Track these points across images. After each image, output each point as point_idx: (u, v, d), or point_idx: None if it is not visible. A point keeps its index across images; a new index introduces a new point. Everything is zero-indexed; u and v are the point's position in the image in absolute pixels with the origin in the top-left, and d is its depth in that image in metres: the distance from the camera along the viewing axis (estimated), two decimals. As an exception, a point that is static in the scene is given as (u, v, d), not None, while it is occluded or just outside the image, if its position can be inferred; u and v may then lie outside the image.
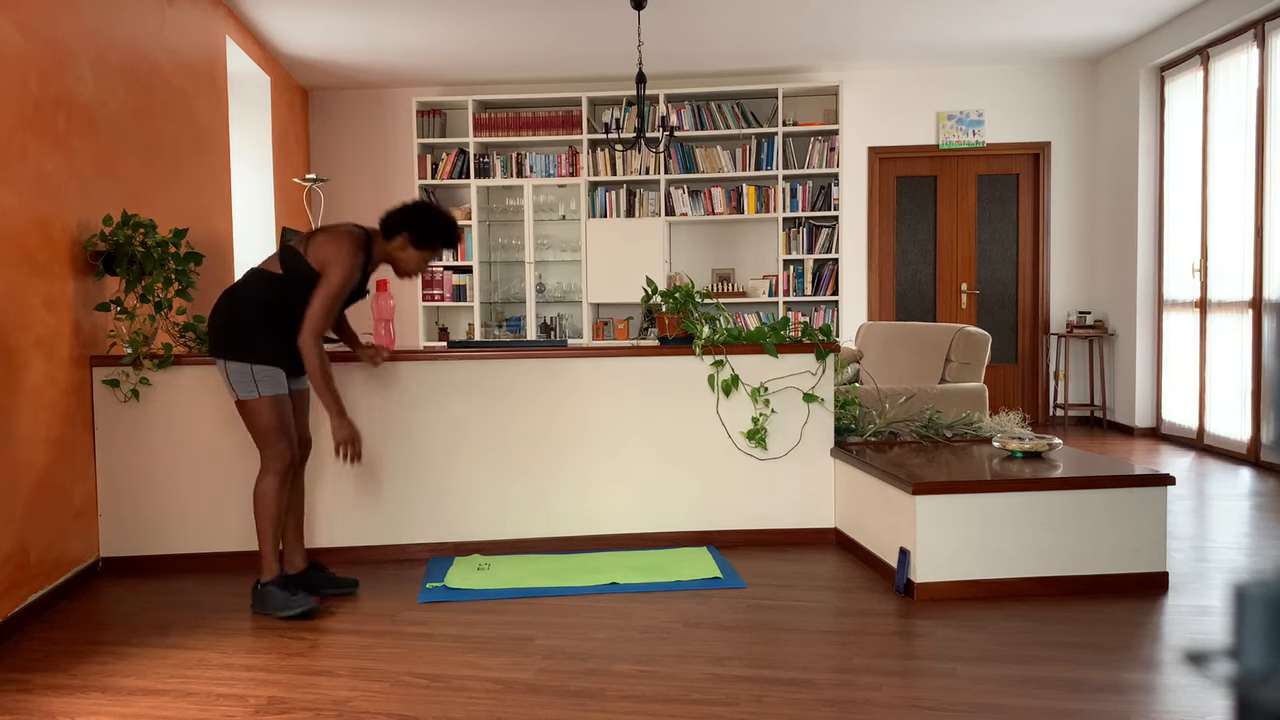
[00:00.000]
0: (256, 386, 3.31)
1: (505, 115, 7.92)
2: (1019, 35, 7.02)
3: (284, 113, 7.33)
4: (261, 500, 3.37)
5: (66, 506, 3.70)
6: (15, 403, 3.31)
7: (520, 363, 4.18)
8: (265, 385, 3.32)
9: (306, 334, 3.26)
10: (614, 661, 2.89)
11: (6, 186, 3.27)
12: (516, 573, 3.78)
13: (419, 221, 3.37)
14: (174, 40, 4.97)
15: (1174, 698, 2.59)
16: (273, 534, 3.39)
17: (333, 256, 3.28)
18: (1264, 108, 5.80)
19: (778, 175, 7.73)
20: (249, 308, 3.35)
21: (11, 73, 3.33)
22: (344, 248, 3.29)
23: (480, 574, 3.78)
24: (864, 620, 3.25)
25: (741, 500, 4.24)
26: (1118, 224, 7.56)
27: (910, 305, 8.16)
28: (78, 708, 2.64)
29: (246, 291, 3.38)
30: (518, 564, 3.91)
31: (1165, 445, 6.80)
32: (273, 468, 3.36)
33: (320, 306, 3.26)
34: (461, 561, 3.97)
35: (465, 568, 3.87)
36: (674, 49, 7.11)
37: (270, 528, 3.38)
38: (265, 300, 3.35)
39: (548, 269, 8.01)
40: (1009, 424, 4.47)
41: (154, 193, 4.60)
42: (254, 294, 3.36)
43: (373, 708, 2.59)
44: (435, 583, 3.69)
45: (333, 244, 3.29)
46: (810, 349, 4.22)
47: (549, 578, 3.71)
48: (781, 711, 2.52)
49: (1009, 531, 3.46)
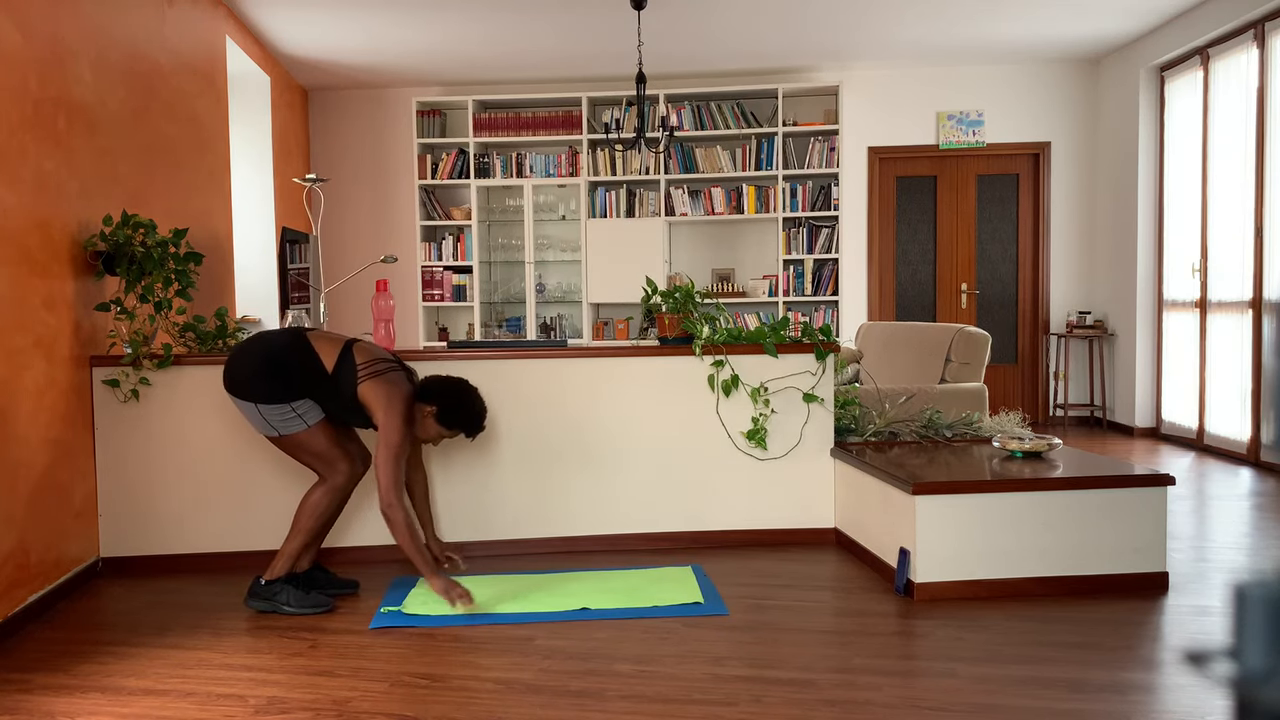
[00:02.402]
0: (302, 419, 3.33)
1: (505, 115, 7.92)
2: (1019, 35, 7.02)
3: (284, 113, 7.33)
4: (309, 510, 3.38)
5: (66, 506, 3.70)
6: (15, 403, 3.31)
7: (520, 363, 4.18)
8: (309, 415, 3.34)
9: (388, 497, 3.21)
10: (614, 661, 2.89)
11: (6, 186, 3.27)
12: (483, 595, 3.48)
13: (449, 402, 3.35)
14: (174, 40, 4.97)
15: (1174, 698, 2.59)
16: (303, 543, 3.41)
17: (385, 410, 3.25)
18: (1264, 108, 5.80)
19: (778, 175, 7.73)
20: (284, 374, 3.31)
21: (11, 73, 3.33)
22: (396, 406, 3.26)
23: None
24: (864, 620, 3.24)
25: (741, 500, 4.24)
26: (1118, 224, 7.56)
27: (910, 305, 8.16)
28: (78, 708, 2.64)
29: (288, 359, 3.32)
30: (487, 585, 3.62)
31: (1165, 445, 6.80)
32: (335, 484, 3.38)
33: (388, 469, 3.22)
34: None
35: (428, 590, 3.54)
36: (674, 49, 7.11)
37: (304, 537, 3.40)
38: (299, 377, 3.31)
39: (548, 269, 8.01)
40: (1009, 424, 4.47)
41: (154, 193, 4.60)
42: (293, 366, 3.31)
43: (373, 708, 2.59)
44: (391, 606, 3.41)
45: (388, 402, 3.26)
46: (810, 349, 4.22)
47: (516, 602, 3.43)
48: (781, 711, 2.52)
49: (1009, 531, 3.46)
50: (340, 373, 3.31)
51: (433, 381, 3.38)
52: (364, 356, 3.34)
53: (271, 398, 3.29)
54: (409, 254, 8.01)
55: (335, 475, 3.39)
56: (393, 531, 3.25)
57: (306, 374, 3.31)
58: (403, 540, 3.24)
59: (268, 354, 3.33)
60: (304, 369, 3.31)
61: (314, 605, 3.39)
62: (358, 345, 3.39)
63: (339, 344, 3.37)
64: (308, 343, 3.36)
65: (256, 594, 3.42)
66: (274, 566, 3.42)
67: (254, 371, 3.31)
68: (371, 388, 3.28)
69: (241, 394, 3.33)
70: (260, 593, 3.41)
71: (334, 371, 3.31)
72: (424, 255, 7.91)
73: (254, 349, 3.36)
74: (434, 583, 3.27)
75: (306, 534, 3.41)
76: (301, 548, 3.43)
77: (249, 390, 3.31)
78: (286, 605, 3.37)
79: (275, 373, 3.30)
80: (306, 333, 3.43)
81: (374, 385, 3.28)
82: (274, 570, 3.42)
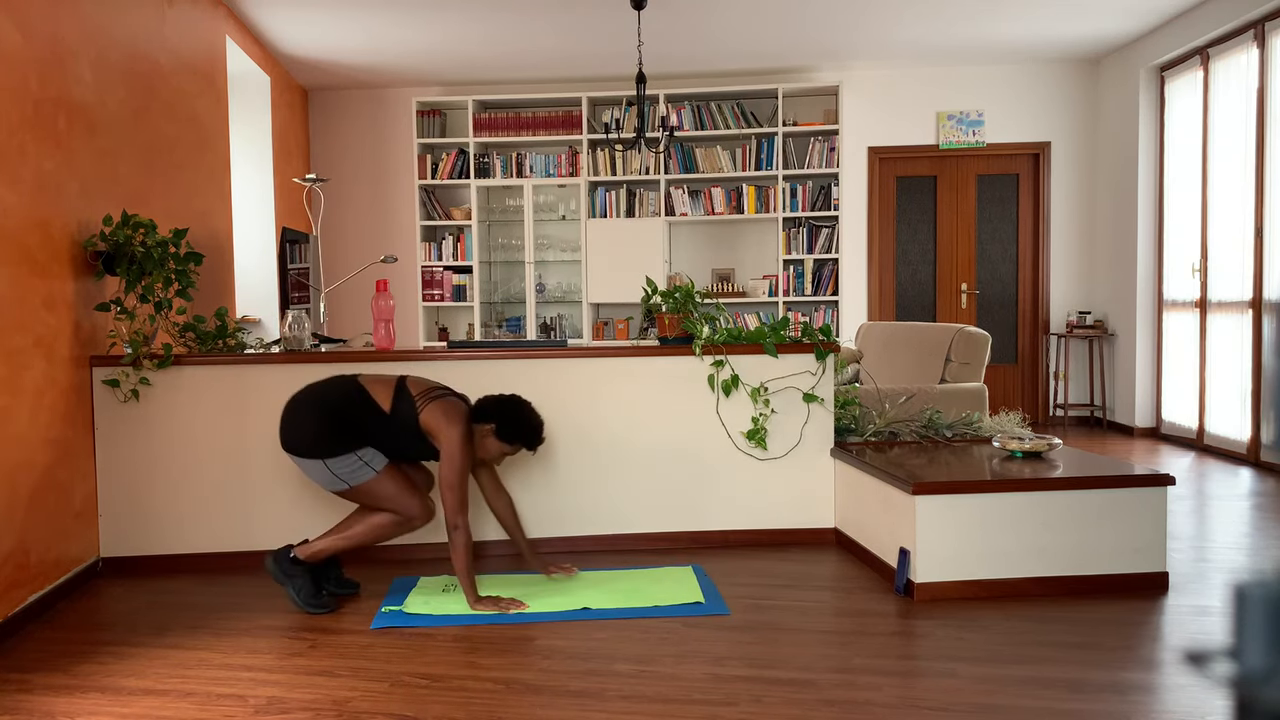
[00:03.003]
0: (369, 466, 3.35)
1: (505, 115, 7.92)
2: (1019, 35, 7.02)
3: (284, 113, 7.33)
4: (371, 526, 3.40)
5: (66, 506, 3.70)
6: (15, 403, 3.31)
7: (520, 363, 4.18)
8: (375, 461, 3.36)
9: (454, 518, 3.25)
10: (614, 661, 2.89)
11: (6, 186, 3.27)
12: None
13: (507, 418, 3.39)
14: (174, 40, 4.97)
15: (1174, 698, 2.59)
16: (347, 550, 3.44)
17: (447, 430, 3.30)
18: (1264, 108, 5.80)
19: (778, 175, 7.73)
20: (345, 424, 3.33)
21: (11, 73, 3.33)
22: (456, 426, 3.31)
23: (445, 596, 3.51)
24: (864, 620, 3.24)
25: (741, 500, 4.24)
26: (1118, 224, 7.56)
27: (910, 305, 8.16)
28: (78, 708, 2.64)
29: (346, 409, 3.35)
30: (487, 585, 3.62)
31: (1165, 445, 6.80)
32: (407, 516, 3.39)
33: (454, 488, 3.27)
34: (427, 582, 3.72)
35: (429, 589, 3.61)
36: (674, 49, 7.11)
37: (351, 545, 3.43)
38: (360, 424, 3.34)
39: (548, 269, 8.01)
40: (1009, 424, 4.47)
41: (154, 193, 4.60)
42: (352, 415, 3.34)
43: (373, 708, 2.59)
44: (392, 606, 3.43)
45: (450, 424, 3.30)
46: (810, 349, 4.22)
47: None
48: (781, 711, 2.52)
49: (1009, 531, 3.46)
50: (398, 408, 3.36)
51: (487, 401, 3.43)
52: (418, 388, 3.41)
53: (336, 450, 3.31)
54: (409, 254, 8.01)
55: (411, 511, 3.41)
56: (452, 549, 3.29)
57: (368, 419, 3.34)
58: (459, 561, 3.29)
59: (327, 409, 3.35)
60: (364, 415, 3.35)
61: (319, 606, 3.39)
62: (409, 379, 3.46)
63: (391, 382, 3.43)
64: (362, 388, 3.40)
65: (280, 562, 3.41)
66: (309, 549, 3.42)
67: (316, 429, 3.33)
68: (431, 412, 3.34)
69: (306, 453, 3.34)
70: (283, 565, 3.41)
71: (392, 410, 3.36)
72: (424, 255, 7.91)
73: (311, 405, 3.38)
74: (481, 607, 3.30)
75: (355, 544, 3.44)
76: (342, 552, 3.46)
77: (313, 448, 3.32)
78: (296, 594, 3.39)
79: (338, 427, 3.32)
80: (357, 379, 3.45)
81: (433, 409, 3.34)
82: (307, 551, 3.42)
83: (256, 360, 4.06)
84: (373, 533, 3.41)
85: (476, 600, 3.33)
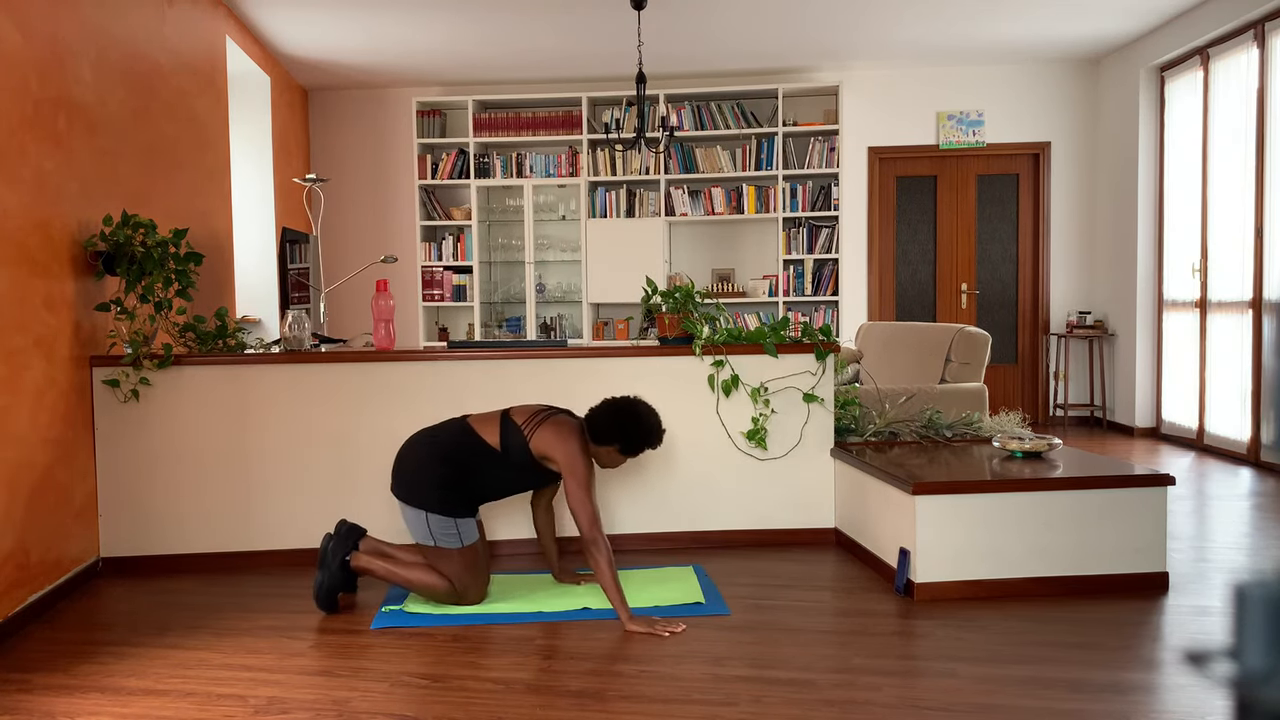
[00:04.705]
0: (460, 537, 3.36)
1: (505, 115, 7.92)
2: (1019, 35, 7.02)
3: (284, 113, 7.33)
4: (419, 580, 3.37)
5: (66, 506, 3.70)
6: (15, 403, 3.31)
7: (520, 363, 4.18)
8: (467, 535, 3.38)
9: (591, 533, 3.21)
10: (614, 661, 2.89)
11: (6, 186, 3.27)
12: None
13: (629, 435, 3.35)
14: (174, 40, 4.97)
15: (1174, 698, 2.59)
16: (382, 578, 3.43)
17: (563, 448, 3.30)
18: (1264, 108, 5.80)
19: (778, 175, 7.73)
20: (458, 469, 3.35)
21: (11, 73, 3.33)
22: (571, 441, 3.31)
23: None
24: (864, 620, 3.24)
25: (742, 500, 4.24)
26: (1118, 224, 7.56)
27: (910, 305, 8.16)
28: (78, 708, 2.64)
29: (457, 452, 3.36)
30: (493, 582, 3.64)
31: (1165, 445, 6.80)
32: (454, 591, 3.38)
33: (585, 505, 3.23)
34: None
35: None
36: (674, 49, 7.11)
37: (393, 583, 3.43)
38: (473, 467, 3.35)
39: (548, 269, 8.01)
40: (1009, 424, 4.47)
41: (154, 193, 4.60)
42: (464, 459, 3.35)
43: (373, 708, 2.59)
44: (392, 606, 3.43)
45: (563, 442, 3.31)
46: (810, 349, 4.22)
47: (516, 602, 3.44)
48: (781, 711, 2.52)
49: (1009, 531, 3.46)
50: (508, 441, 3.36)
51: (600, 420, 3.36)
52: (522, 416, 3.41)
53: (443, 509, 3.32)
54: (409, 254, 8.01)
55: (466, 593, 3.40)
56: (594, 567, 3.21)
57: (480, 462, 3.36)
58: (604, 580, 3.20)
59: (443, 455, 3.35)
60: (477, 458, 3.36)
61: (327, 606, 3.40)
62: (512, 410, 3.46)
63: (496, 417, 3.43)
64: (470, 428, 3.41)
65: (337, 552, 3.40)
66: (362, 562, 3.42)
67: (432, 478, 3.33)
68: (541, 436, 3.34)
69: (415, 501, 3.34)
70: (338, 554, 3.40)
71: (502, 447, 3.36)
72: (424, 255, 7.91)
73: (428, 451, 3.38)
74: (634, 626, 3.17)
75: (398, 585, 3.43)
76: (377, 578, 3.46)
77: (424, 499, 3.33)
78: (320, 583, 3.39)
79: (453, 475, 3.33)
80: (466, 419, 3.46)
81: (543, 433, 3.34)
82: (359, 563, 3.42)
83: (257, 360, 4.06)
84: (425, 588, 3.39)
85: (630, 619, 3.17)
